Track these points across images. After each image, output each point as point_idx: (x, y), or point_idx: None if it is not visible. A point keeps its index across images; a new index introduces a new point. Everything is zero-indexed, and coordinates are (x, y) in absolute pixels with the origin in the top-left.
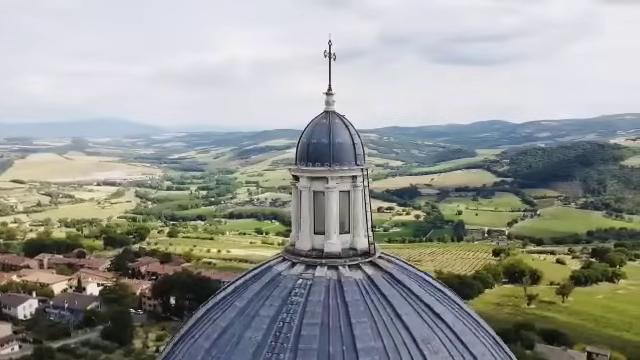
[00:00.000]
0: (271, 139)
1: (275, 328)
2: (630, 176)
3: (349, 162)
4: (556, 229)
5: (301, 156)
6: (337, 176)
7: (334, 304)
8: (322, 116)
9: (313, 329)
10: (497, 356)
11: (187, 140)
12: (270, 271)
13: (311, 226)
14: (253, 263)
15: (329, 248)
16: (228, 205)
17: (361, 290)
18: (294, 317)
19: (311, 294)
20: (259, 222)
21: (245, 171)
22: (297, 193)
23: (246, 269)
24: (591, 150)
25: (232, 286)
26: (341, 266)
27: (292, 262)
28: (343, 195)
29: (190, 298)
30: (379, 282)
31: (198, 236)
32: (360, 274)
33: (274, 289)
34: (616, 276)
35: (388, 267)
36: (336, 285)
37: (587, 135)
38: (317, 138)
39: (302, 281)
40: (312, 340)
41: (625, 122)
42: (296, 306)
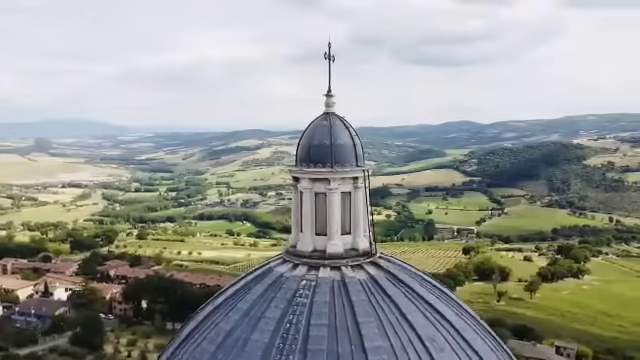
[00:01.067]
0: (241, 139)
1: (282, 330)
2: (592, 175)
3: (350, 163)
4: (523, 227)
5: (302, 157)
6: (339, 177)
7: (340, 304)
8: (322, 117)
9: (321, 330)
10: (496, 351)
11: (155, 141)
12: (272, 273)
13: (313, 227)
14: (225, 265)
15: (331, 249)
16: (198, 206)
17: (365, 290)
18: (300, 318)
19: (316, 295)
20: (230, 223)
21: (215, 172)
22: (297, 194)
23: (218, 271)
24: (555, 150)
25: (232, 289)
26: (344, 267)
27: (294, 264)
28: (344, 196)
29: (162, 301)
30: (382, 282)
31: (168, 238)
32: (363, 274)
33: (278, 291)
34: (581, 272)
35: (389, 267)
36: (340, 286)
37: (551, 135)
38: (318, 140)
39: (306, 282)
40: (320, 341)
41: (587, 123)
42: (302, 307)
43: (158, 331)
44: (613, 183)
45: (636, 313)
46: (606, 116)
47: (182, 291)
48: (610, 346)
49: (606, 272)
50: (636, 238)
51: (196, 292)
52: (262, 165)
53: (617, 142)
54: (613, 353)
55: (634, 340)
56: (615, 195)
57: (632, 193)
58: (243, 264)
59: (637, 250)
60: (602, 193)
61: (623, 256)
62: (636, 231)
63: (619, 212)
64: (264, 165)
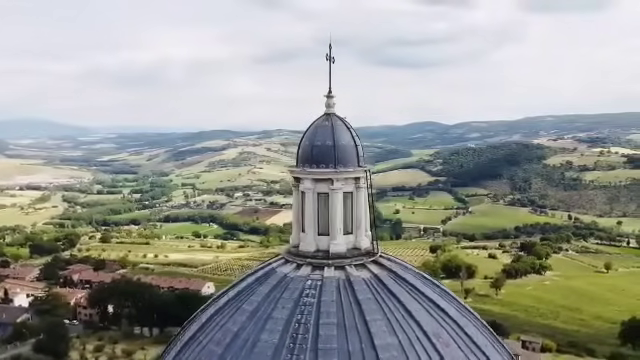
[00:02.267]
0: (207, 140)
1: (291, 330)
2: (552, 174)
3: (352, 164)
4: (487, 225)
5: (304, 158)
6: (342, 177)
7: (347, 303)
8: (323, 118)
9: (330, 329)
10: (495, 346)
11: (118, 141)
12: (275, 273)
13: (315, 227)
14: (193, 267)
15: (335, 249)
16: (163, 208)
17: (370, 289)
18: (309, 318)
19: (323, 294)
20: (196, 225)
21: (180, 173)
22: (298, 195)
23: (186, 274)
24: (517, 150)
25: (234, 290)
26: (348, 266)
27: (297, 264)
28: (346, 196)
29: (129, 306)
30: (386, 280)
31: (133, 241)
32: (367, 273)
33: (283, 291)
34: (543, 268)
35: (392, 266)
36: (346, 285)
37: (513, 136)
38: (321, 140)
39: (312, 282)
40: (331, 339)
41: (546, 123)
42: (309, 307)
43: (125, 336)
44: (571, 182)
45: (595, 307)
46: (564, 117)
47: (150, 295)
48: (572, 339)
49: (566, 268)
50: (593, 235)
51: (164, 295)
52: (228, 166)
53: (575, 142)
54: (575, 346)
55: (594, 333)
56: (573, 193)
57: (589, 191)
58: (211, 266)
59: (595, 246)
60: (561, 192)
61: (582, 252)
62: (593, 228)
63: (577, 210)
64: (230, 166)
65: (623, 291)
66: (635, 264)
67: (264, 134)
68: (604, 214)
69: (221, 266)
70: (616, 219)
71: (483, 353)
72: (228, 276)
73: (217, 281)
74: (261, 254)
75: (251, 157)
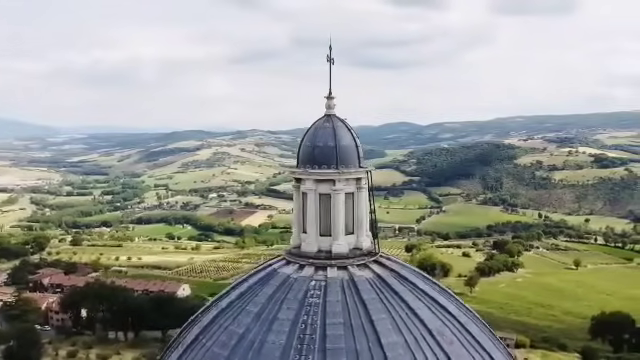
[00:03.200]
0: (180, 140)
1: (298, 330)
2: (522, 174)
3: (354, 164)
4: (460, 224)
5: (306, 159)
6: (344, 178)
7: (352, 303)
8: (324, 119)
9: (337, 328)
10: (494, 343)
11: (88, 142)
12: (277, 274)
13: (317, 228)
14: (168, 270)
15: (337, 249)
16: (136, 210)
17: (374, 288)
18: (315, 318)
19: (328, 295)
20: (170, 227)
21: (153, 174)
22: (299, 196)
23: (161, 276)
24: (489, 150)
25: (236, 292)
26: (350, 266)
27: (300, 264)
28: (347, 196)
29: (103, 310)
30: (389, 280)
31: (105, 244)
32: (369, 273)
33: (288, 292)
34: (515, 266)
35: (392, 265)
36: (350, 285)
37: (485, 136)
38: (323, 141)
39: (316, 282)
40: (338, 339)
41: (517, 124)
42: (315, 307)
43: (100, 341)
44: (541, 181)
45: (566, 303)
46: (534, 118)
47: (125, 298)
48: (545, 334)
49: (537, 265)
50: (563, 232)
51: (139, 299)
52: (202, 166)
53: (544, 142)
54: (548, 341)
55: (566, 328)
56: (543, 192)
57: (558, 190)
58: (186, 268)
59: (564, 243)
60: (532, 190)
61: (552, 249)
62: (562, 226)
63: (547, 208)
64: (204, 166)
65: (592, 287)
66: (603, 261)
67: (238, 134)
68: (572, 212)
69: (196, 268)
70: (584, 217)
71: (484, 350)
72: (203, 278)
73: (193, 283)
74: (237, 255)
75: (225, 157)
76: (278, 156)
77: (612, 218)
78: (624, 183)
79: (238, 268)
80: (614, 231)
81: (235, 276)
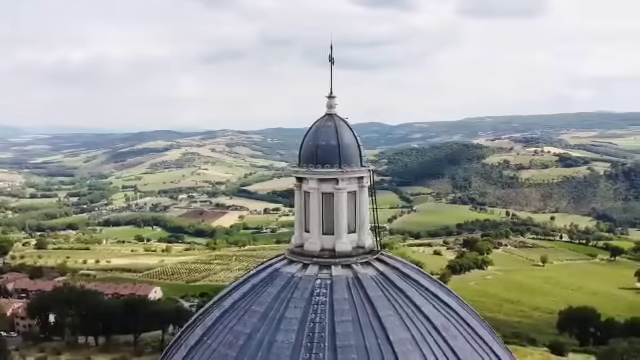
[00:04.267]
0: (149, 141)
1: (307, 329)
2: (490, 173)
3: (356, 163)
4: (431, 223)
5: (308, 158)
6: (347, 177)
7: (359, 301)
8: (326, 119)
9: (346, 326)
10: (493, 337)
11: (52, 142)
12: (281, 274)
13: (320, 227)
14: (138, 272)
15: (341, 247)
16: (103, 212)
17: (379, 286)
18: (323, 317)
19: (334, 293)
20: (139, 229)
21: (121, 175)
22: (301, 195)
23: (131, 279)
24: (457, 150)
25: (239, 292)
26: (354, 264)
27: (303, 263)
28: (349, 195)
29: (72, 314)
30: (392, 277)
31: (71, 247)
32: (372, 271)
33: (293, 291)
34: (484, 263)
35: (394, 263)
36: (355, 283)
37: (454, 136)
38: (325, 140)
39: (321, 281)
40: (348, 337)
41: (485, 124)
42: (322, 306)
43: (69, 346)
44: (508, 180)
45: (534, 299)
46: (501, 118)
47: (95, 302)
48: (515, 330)
49: (506, 262)
50: (530, 230)
51: (111, 302)
52: (171, 167)
53: (511, 142)
54: (519, 336)
55: (534, 323)
56: (510, 191)
57: (525, 189)
58: (157, 270)
59: (531, 241)
60: (499, 189)
61: (520, 247)
62: (529, 223)
63: (514, 206)
64: (174, 167)
65: (558, 283)
66: (568, 257)
67: (208, 134)
68: (539, 210)
69: (167, 270)
70: (549, 215)
71: (485, 343)
72: (175, 280)
73: (164, 286)
74: (208, 257)
75: (195, 158)
76: (249, 156)
77: (576, 216)
78: (587, 182)
79: (210, 270)
80: (578, 228)
81: (207, 277)
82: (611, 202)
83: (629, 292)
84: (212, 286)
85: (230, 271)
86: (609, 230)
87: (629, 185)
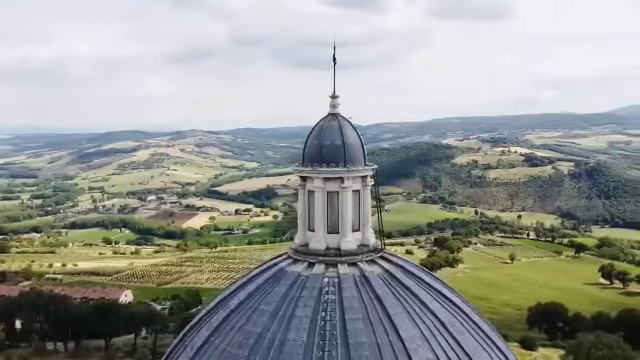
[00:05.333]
0: (116, 141)
1: (318, 327)
2: (459, 172)
3: (360, 162)
4: (402, 222)
5: (313, 157)
6: (352, 176)
7: (367, 298)
8: (330, 118)
9: (357, 323)
10: (495, 332)
11: (14, 143)
12: (287, 273)
13: (325, 226)
14: (107, 276)
15: (346, 246)
16: (69, 214)
17: (385, 283)
18: (333, 315)
19: (343, 291)
20: (107, 231)
21: (87, 176)
22: (305, 194)
23: (100, 282)
24: (427, 150)
25: (244, 292)
26: (360, 262)
27: (309, 262)
28: (354, 194)
29: (40, 320)
30: (398, 275)
31: (36, 250)
32: (378, 268)
33: (301, 290)
34: (455, 261)
35: (397, 260)
36: (362, 281)
37: (423, 136)
38: (330, 139)
39: (329, 279)
40: (359, 334)
41: (453, 125)
42: (332, 304)
43: (37, 353)
44: (477, 179)
45: (503, 295)
46: (469, 119)
47: (64, 307)
48: None
49: (476, 260)
50: (498, 228)
51: (80, 307)
52: (140, 168)
53: (479, 142)
54: None
55: (505, 320)
56: (479, 190)
57: (492, 188)
58: (127, 273)
59: (499, 239)
60: (468, 189)
61: (488, 245)
62: (497, 222)
63: (483, 205)
64: (142, 168)
65: (526, 279)
66: (535, 254)
67: (177, 135)
68: (506, 209)
69: (137, 273)
70: (516, 213)
71: (489, 338)
72: (146, 283)
73: (135, 289)
74: (179, 259)
75: (164, 158)
76: (219, 156)
77: (542, 214)
78: (552, 181)
79: (181, 272)
80: (544, 226)
81: (178, 280)
82: (575, 200)
83: (593, 287)
84: (184, 288)
85: (202, 273)
86: (573, 228)
87: (592, 184)
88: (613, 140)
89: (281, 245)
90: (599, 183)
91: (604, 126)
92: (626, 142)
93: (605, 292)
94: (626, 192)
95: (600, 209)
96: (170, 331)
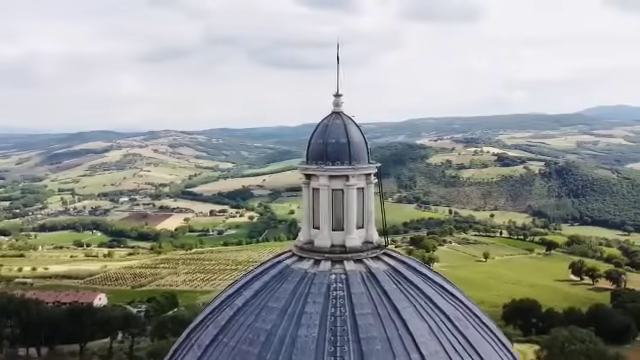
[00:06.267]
0: (87, 142)
1: (329, 323)
2: (434, 172)
3: (364, 160)
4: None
5: (318, 155)
6: (357, 174)
7: (375, 294)
8: (334, 117)
9: (367, 318)
10: (496, 326)
11: None
12: (293, 270)
13: (330, 223)
14: (79, 279)
15: (351, 243)
16: (38, 217)
17: (391, 279)
18: (343, 310)
19: (351, 287)
20: (78, 234)
21: (57, 178)
22: (309, 192)
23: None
24: (402, 150)
25: (250, 290)
26: (365, 259)
27: (315, 259)
28: (358, 192)
29: (11, 325)
30: (402, 271)
31: (4, 254)
32: (383, 265)
33: (309, 287)
34: (431, 260)
35: (400, 257)
36: (369, 277)
37: (398, 137)
38: (335, 138)
39: (336, 276)
40: (370, 329)
41: (427, 125)
42: (341, 300)
43: (9, 359)
44: (451, 179)
45: (479, 293)
46: (443, 119)
47: (37, 311)
48: None
49: (451, 258)
50: (472, 227)
51: (54, 311)
52: (112, 169)
53: (453, 142)
54: None
55: None
56: (452, 190)
57: (466, 188)
58: (100, 276)
59: (474, 237)
60: (442, 188)
61: (463, 243)
62: (471, 221)
63: (456, 205)
64: (114, 169)
65: (500, 277)
66: (508, 252)
67: (150, 135)
68: (479, 208)
69: (111, 276)
70: (489, 212)
71: (492, 332)
72: (120, 286)
73: (109, 292)
74: (154, 261)
75: (137, 159)
76: (193, 157)
77: (514, 213)
78: (523, 180)
79: (157, 274)
80: (516, 225)
81: (154, 282)
82: (545, 199)
83: (564, 284)
84: (160, 291)
85: (177, 275)
86: (544, 226)
87: (561, 183)
88: (581, 140)
89: (257, 246)
90: (568, 182)
91: (573, 126)
92: (593, 142)
93: (575, 288)
94: (594, 191)
95: (569, 207)
96: (147, 334)
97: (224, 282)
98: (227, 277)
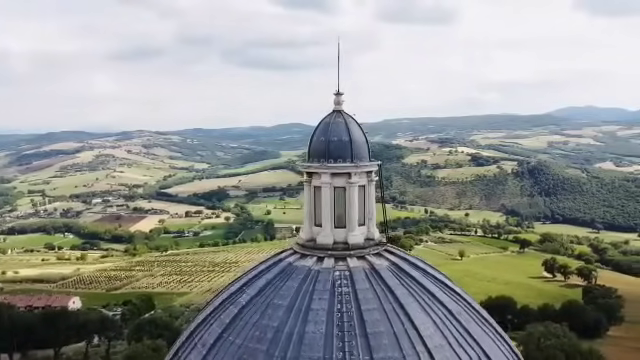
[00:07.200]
0: (58, 142)
1: (336, 319)
2: (410, 172)
3: (366, 158)
4: None
5: (320, 153)
6: (359, 171)
7: (380, 290)
8: (335, 115)
9: (373, 314)
10: (495, 320)
11: None
12: (296, 268)
13: (332, 221)
14: (51, 283)
15: (353, 240)
16: (7, 219)
17: (394, 275)
18: (349, 306)
19: (356, 283)
20: (49, 236)
21: (26, 179)
22: (311, 190)
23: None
24: (379, 150)
25: (253, 288)
26: (367, 256)
27: (318, 257)
28: (359, 189)
29: None
30: (404, 267)
31: None
32: (385, 261)
33: (314, 283)
34: None
35: (400, 253)
36: (373, 273)
37: (374, 137)
38: (337, 136)
39: (340, 273)
40: (377, 324)
41: (403, 126)
42: (347, 296)
43: None
44: (426, 179)
45: None
46: (418, 120)
47: (9, 316)
48: None
49: (428, 257)
50: (447, 226)
51: (27, 315)
52: (84, 170)
53: (428, 143)
54: None
55: None
56: (428, 189)
57: (441, 187)
58: (73, 280)
59: (449, 236)
60: (418, 188)
61: (439, 242)
62: (446, 220)
63: (432, 204)
64: (86, 170)
65: (476, 275)
66: (482, 251)
67: (123, 135)
68: (454, 207)
69: (85, 279)
70: (464, 211)
71: (491, 325)
72: (94, 289)
73: (83, 295)
74: (128, 263)
75: (110, 160)
76: (168, 158)
77: (488, 211)
78: (496, 180)
79: (132, 277)
80: (490, 223)
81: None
82: (518, 198)
83: (538, 281)
84: (135, 293)
85: (153, 277)
86: (517, 224)
87: (533, 182)
88: (552, 140)
89: (234, 247)
90: (540, 181)
91: (544, 127)
92: (564, 142)
93: (549, 285)
94: (565, 190)
95: (541, 206)
96: (124, 338)
97: (201, 284)
98: (204, 279)
